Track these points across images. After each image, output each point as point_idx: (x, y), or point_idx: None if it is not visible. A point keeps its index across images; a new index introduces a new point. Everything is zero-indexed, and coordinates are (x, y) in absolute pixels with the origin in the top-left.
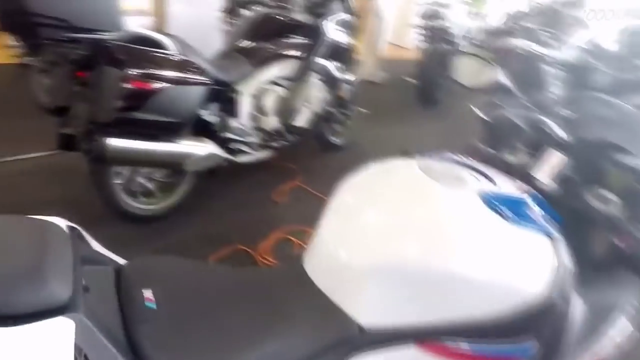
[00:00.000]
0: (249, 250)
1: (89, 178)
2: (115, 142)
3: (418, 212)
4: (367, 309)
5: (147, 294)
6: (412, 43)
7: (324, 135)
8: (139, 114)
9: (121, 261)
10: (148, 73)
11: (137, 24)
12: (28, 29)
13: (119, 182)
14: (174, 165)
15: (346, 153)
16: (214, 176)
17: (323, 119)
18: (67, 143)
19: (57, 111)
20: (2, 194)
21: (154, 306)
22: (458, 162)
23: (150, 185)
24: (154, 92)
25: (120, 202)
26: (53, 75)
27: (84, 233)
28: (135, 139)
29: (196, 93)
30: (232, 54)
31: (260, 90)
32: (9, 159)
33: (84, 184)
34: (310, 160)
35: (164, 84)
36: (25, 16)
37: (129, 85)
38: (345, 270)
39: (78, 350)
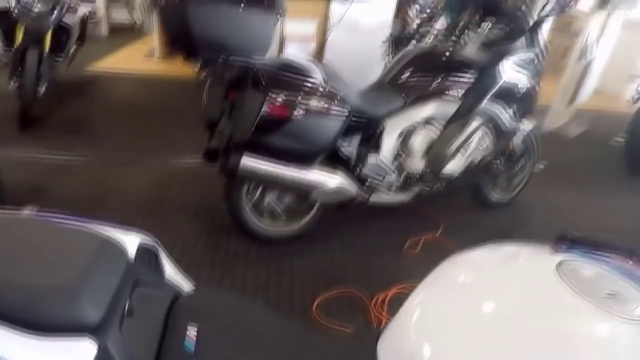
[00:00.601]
0: (363, 297)
1: (223, 191)
2: (248, 161)
3: (542, 326)
4: None
5: (192, 331)
6: (627, 94)
7: (480, 189)
8: (273, 138)
9: (188, 289)
10: (287, 100)
11: (296, 50)
12: (191, 50)
13: (249, 199)
14: (301, 193)
15: (505, 213)
16: (343, 211)
17: (482, 170)
18: (210, 156)
19: (209, 125)
20: (153, 189)
21: (191, 348)
22: (624, 270)
23: (278, 208)
24: (289, 119)
25: (246, 218)
26: (211, 92)
27: (162, 253)
28: (268, 160)
29: (335, 124)
30: (385, 86)
31: (409, 128)
32: (172, 160)
33: (221, 196)
34: (457, 214)
35: (301, 112)
36: (188, 39)
37: (267, 110)
38: None
39: None
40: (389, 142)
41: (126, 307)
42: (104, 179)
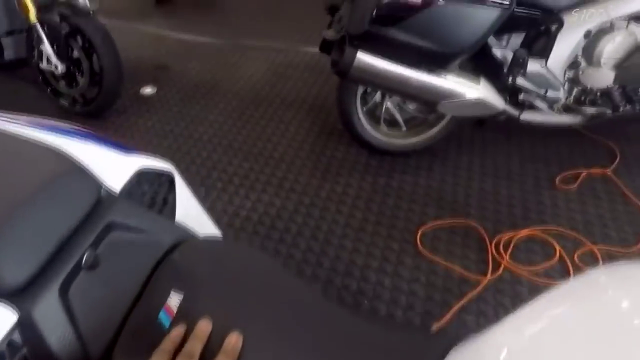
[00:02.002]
0: (483, 233)
1: (336, 90)
2: (363, 57)
3: None
4: None
5: (175, 298)
6: None
7: None
8: (395, 32)
9: (206, 233)
10: None
11: None
12: None
13: (363, 103)
14: (425, 102)
15: None
16: (482, 127)
17: None
18: (326, 47)
19: (330, 10)
20: (270, 79)
21: (166, 324)
22: None
23: (397, 116)
24: (420, 7)
25: (358, 124)
26: None
27: (180, 185)
28: (389, 60)
29: (486, 18)
30: None
31: (602, 27)
32: (296, 48)
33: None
34: None
35: (437, 1)
36: None
37: None
38: None
39: (13, 349)
40: (566, 45)
41: (84, 259)
42: (224, 64)
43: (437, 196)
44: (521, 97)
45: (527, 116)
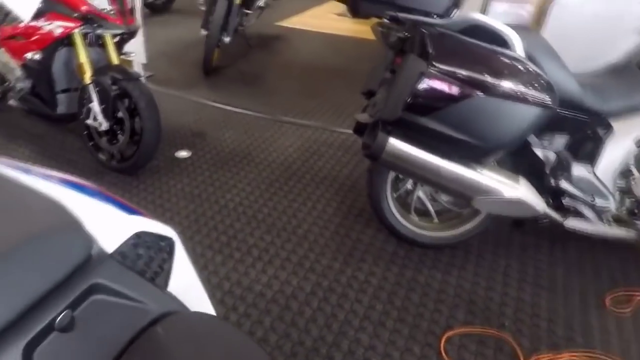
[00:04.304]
0: (517, 348)
1: (366, 173)
2: (395, 144)
3: None
4: None
5: None
6: None
7: None
8: (430, 122)
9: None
10: (457, 73)
11: (504, 12)
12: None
13: (394, 189)
14: (460, 196)
15: None
16: (520, 229)
17: None
18: (359, 129)
19: (367, 94)
20: (302, 155)
21: None
22: None
23: (429, 206)
24: (457, 98)
25: (387, 210)
26: (387, 56)
27: (179, 252)
28: (423, 148)
29: (527, 115)
30: (633, 71)
31: None
32: (332, 128)
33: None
34: None
35: (476, 92)
36: None
37: (427, 83)
38: None
39: None
40: (616, 152)
41: (58, 320)
42: (259, 136)
43: (468, 299)
44: (565, 201)
45: (572, 223)
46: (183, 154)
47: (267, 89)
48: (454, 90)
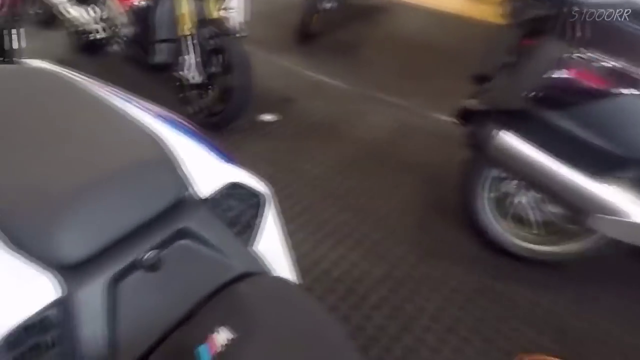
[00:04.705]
0: None
1: (461, 166)
2: (507, 138)
3: None
4: None
5: (222, 336)
6: None
7: None
8: (558, 118)
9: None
10: (609, 63)
11: None
12: None
13: (492, 187)
14: (573, 209)
15: None
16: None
17: None
18: (464, 116)
19: (478, 79)
20: (390, 138)
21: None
22: None
23: (530, 215)
24: (601, 93)
25: (479, 210)
26: (499, 39)
27: (270, 210)
28: (540, 147)
29: None
30: None
31: None
32: (426, 111)
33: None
34: None
35: (628, 90)
36: None
37: (563, 71)
38: None
39: (45, 326)
40: None
41: (145, 258)
42: (348, 110)
43: (557, 326)
44: None
45: None
46: (268, 117)
47: (363, 62)
48: (601, 83)
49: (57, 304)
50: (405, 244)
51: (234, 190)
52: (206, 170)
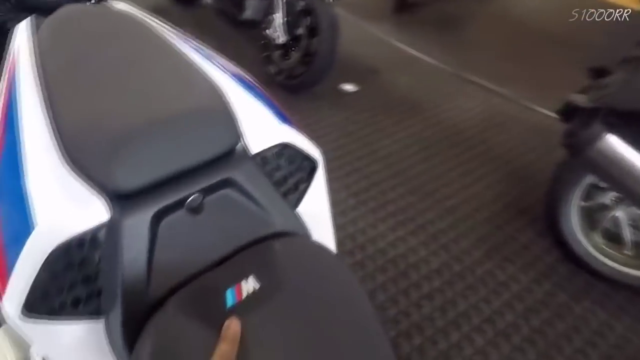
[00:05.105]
0: None
1: (554, 167)
2: (613, 142)
3: None
4: None
5: (249, 285)
6: None
7: None
8: None
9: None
10: None
11: None
12: None
13: (584, 196)
14: None
15: None
16: None
17: None
18: (568, 112)
19: (594, 72)
20: (479, 128)
21: (230, 302)
22: None
23: (627, 233)
24: None
25: (564, 218)
26: None
27: (321, 175)
28: None
29: None
30: None
31: None
32: (526, 102)
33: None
34: None
35: None
36: None
37: None
38: None
39: (93, 246)
40: None
41: (189, 200)
42: (435, 89)
43: (631, 355)
44: None
45: None
46: (349, 87)
47: (463, 40)
48: None
49: (106, 226)
50: (472, 238)
51: (286, 150)
52: (261, 127)
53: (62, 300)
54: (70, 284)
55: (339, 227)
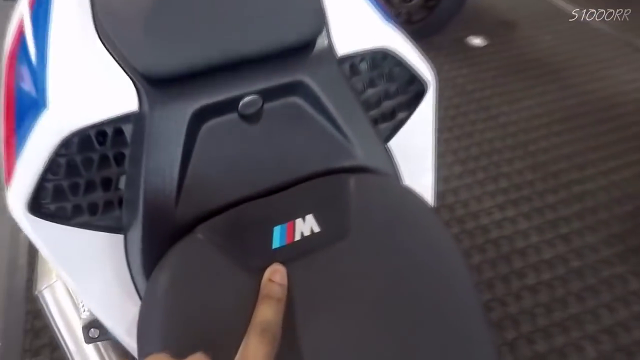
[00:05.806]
0: None
1: None
2: None
3: None
4: None
5: (306, 226)
6: None
7: None
8: None
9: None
10: None
11: None
12: None
13: None
14: None
15: None
16: None
17: None
18: None
19: None
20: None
21: (277, 243)
22: None
23: None
24: None
25: None
26: None
27: (426, 110)
28: None
29: None
30: None
31: None
32: None
33: None
34: None
35: None
36: None
37: None
38: None
39: (117, 140)
40: None
41: (242, 102)
42: (589, 54)
43: None
44: None
45: None
46: (476, 41)
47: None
48: None
49: (133, 117)
50: (603, 233)
51: (386, 61)
52: (357, 21)
53: (77, 203)
54: (87, 183)
55: (439, 194)
